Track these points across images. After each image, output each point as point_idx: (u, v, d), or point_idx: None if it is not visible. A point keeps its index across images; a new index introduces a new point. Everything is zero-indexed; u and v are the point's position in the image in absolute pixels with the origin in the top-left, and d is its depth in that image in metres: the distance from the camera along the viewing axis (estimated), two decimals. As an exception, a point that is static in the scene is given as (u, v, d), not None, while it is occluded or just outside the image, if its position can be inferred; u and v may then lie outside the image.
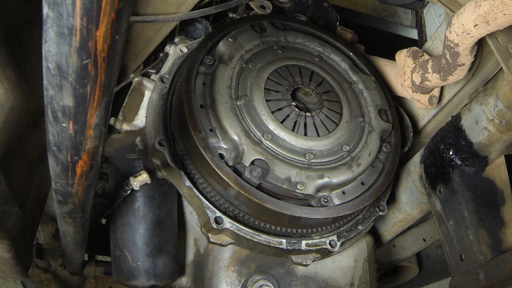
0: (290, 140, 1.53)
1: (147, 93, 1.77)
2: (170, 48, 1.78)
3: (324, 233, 1.63)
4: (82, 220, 1.27)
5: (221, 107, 1.49)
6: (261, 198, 1.44)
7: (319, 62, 1.79)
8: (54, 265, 2.30)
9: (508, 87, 1.45)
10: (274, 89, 1.61)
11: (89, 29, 0.55)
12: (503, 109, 1.50)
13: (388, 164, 1.67)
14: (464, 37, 1.35)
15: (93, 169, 0.91)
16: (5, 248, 1.20)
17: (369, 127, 1.68)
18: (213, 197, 1.53)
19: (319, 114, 1.63)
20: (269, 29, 1.77)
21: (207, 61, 1.60)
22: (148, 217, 1.71)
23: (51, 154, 0.85)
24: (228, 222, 1.51)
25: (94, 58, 0.59)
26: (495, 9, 1.19)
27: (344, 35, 2.09)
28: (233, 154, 1.45)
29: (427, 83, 1.67)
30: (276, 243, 1.54)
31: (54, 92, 0.66)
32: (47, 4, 0.53)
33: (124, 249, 1.73)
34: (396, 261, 2.39)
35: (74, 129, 0.73)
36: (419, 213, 1.95)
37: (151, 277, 1.73)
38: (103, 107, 0.71)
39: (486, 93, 1.58)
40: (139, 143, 1.72)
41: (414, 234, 2.33)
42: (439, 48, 1.82)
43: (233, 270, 1.59)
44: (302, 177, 1.47)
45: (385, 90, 1.83)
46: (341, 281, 1.69)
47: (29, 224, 1.37)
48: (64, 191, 1.00)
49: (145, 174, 1.53)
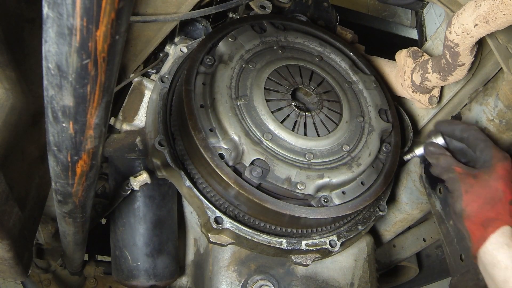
0: (290, 140, 1.53)
1: (147, 93, 1.77)
2: (170, 48, 1.78)
3: (324, 233, 1.63)
4: (82, 220, 1.27)
5: (221, 107, 1.50)
6: (261, 198, 1.44)
7: (319, 62, 1.79)
8: (54, 265, 2.30)
9: (508, 87, 1.45)
10: (274, 89, 1.61)
11: (89, 29, 0.55)
12: (503, 109, 1.50)
13: (388, 164, 1.67)
14: (464, 37, 1.35)
15: (93, 169, 0.91)
16: (5, 248, 1.20)
17: (369, 127, 1.68)
18: (213, 197, 1.53)
19: (319, 114, 1.63)
20: (269, 29, 1.77)
21: (207, 61, 1.60)
22: (148, 217, 1.71)
23: (51, 154, 0.85)
24: (228, 222, 1.51)
25: (94, 58, 0.59)
26: (495, 9, 1.19)
27: (344, 35, 2.09)
28: (233, 154, 1.45)
29: (427, 83, 1.67)
30: (276, 243, 1.54)
31: (54, 92, 0.66)
32: (47, 4, 0.53)
33: (124, 249, 1.73)
34: (396, 261, 2.39)
35: (74, 129, 0.73)
36: (419, 213, 1.95)
37: (151, 277, 1.73)
38: (103, 107, 0.71)
39: (486, 93, 1.58)
40: (139, 143, 1.72)
41: (414, 234, 2.33)
42: (439, 48, 1.82)
43: (233, 270, 1.59)
44: (302, 177, 1.47)
45: (385, 90, 1.83)
46: (341, 281, 1.69)
47: (29, 224, 1.37)
48: (64, 191, 1.00)
49: (145, 174, 1.53)
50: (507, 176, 1.34)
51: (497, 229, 1.28)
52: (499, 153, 1.39)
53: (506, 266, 1.24)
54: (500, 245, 1.26)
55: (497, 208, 1.31)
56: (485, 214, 1.32)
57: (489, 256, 1.28)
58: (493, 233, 1.28)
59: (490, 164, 1.37)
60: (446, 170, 1.44)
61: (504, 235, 1.27)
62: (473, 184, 1.36)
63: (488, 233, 1.29)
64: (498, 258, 1.26)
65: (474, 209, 1.34)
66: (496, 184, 1.33)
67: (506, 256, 1.25)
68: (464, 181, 1.38)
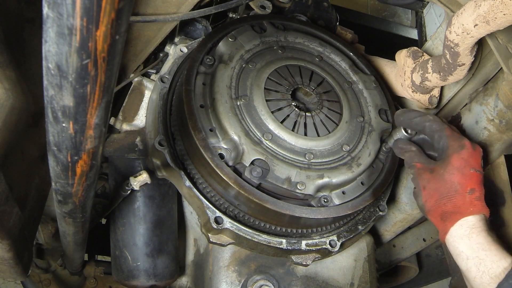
0: (290, 140, 1.53)
1: (147, 93, 1.77)
2: (170, 48, 1.78)
3: (324, 233, 1.63)
4: (82, 220, 1.27)
5: (221, 107, 1.50)
6: (261, 198, 1.44)
7: (319, 62, 1.79)
8: (54, 265, 2.30)
9: (508, 87, 1.45)
10: (274, 89, 1.61)
11: (89, 29, 0.55)
12: (503, 109, 1.50)
13: (388, 164, 1.67)
14: (464, 37, 1.35)
15: (93, 169, 0.91)
16: (5, 248, 1.20)
17: (369, 127, 1.68)
18: (213, 197, 1.53)
19: (319, 114, 1.63)
20: (269, 29, 1.77)
21: (207, 61, 1.60)
22: (148, 217, 1.71)
23: (51, 154, 0.85)
24: (228, 222, 1.51)
25: (94, 58, 0.59)
26: (495, 9, 1.20)
27: (344, 35, 2.09)
28: (233, 154, 1.45)
29: (427, 83, 1.67)
30: (276, 243, 1.55)
31: (54, 92, 0.66)
32: (47, 4, 0.53)
33: (124, 249, 1.73)
34: (396, 261, 2.39)
35: (74, 129, 0.73)
36: (419, 213, 1.95)
37: (151, 277, 1.73)
38: (103, 107, 0.71)
39: (486, 93, 1.58)
40: (139, 143, 1.72)
41: (414, 234, 2.33)
42: (439, 48, 1.82)
43: (233, 270, 1.59)
44: (302, 177, 1.47)
45: (385, 90, 1.83)
46: (341, 281, 1.69)
47: (29, 224, 1.37)
48: (64, 191, 1.00)
49: (145, 174, 1.53)
50: (464, 165, 1.34)
51: (455, 222, 1.31)
52: (455, 142, 1.38)
53: (467, 257, 1.29)
54: (460, 237, 1.30)
55: (454, 201, 1.32)
56: (442, 208, 1.34)
57: (452, 247, 1.33)
58: (452, 226, 1.32)
59: (446, 155, 1.37)
60: (409, 166, 1.46)
61: (463, 227, 1.30)
62: (429, 179, 1.37)
63: (448, 226, 1.32)
64: (459, 249, 1.30)
65: (431, 204, 1.37)
66: (451, 177, 1.34)
67: (467, 247, 1.29)
68: (422, 177, 1.40)
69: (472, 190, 1.32)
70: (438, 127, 1.42)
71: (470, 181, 1.33)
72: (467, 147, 1.36)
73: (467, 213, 1.30)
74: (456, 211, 1.32)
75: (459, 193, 1.32)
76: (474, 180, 1.33)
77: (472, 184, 1.33)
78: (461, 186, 1.32)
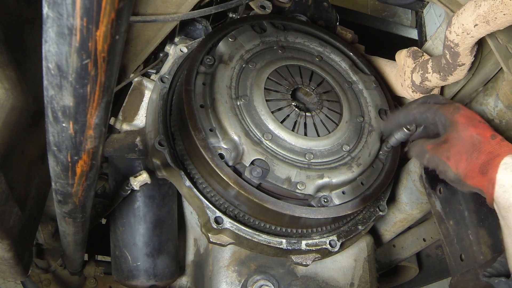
0: (290, 140, 1.53)
1: (147, 93, 1.77)
2: (170, 48, 1.78)
3: (324, 233, 1.63)
4: (82, 220, 1.27)
5: (221, 107, 1.50)
6: (261, 198, 1.44)
7: (319, 62, 1.79)
8: (54, 265, 2.30)
9: (508, 87, 1.45)
10: (274, 89, 1.61)
11: (89, 29, 0.55)
12: (503, 109, 1.50)
13: (388, 164, 1.67)
14: (464, 37, 1.35)
15: (93, 169, 0.91)
16: (5, 248, 1.20)
17: (369, 127, 1.68)
18: (213, 197, 1.53)
19: (319, 114, 1.63)
20: (269, 29, 1.77)
21: (207, 61, 1.60)
22: (148, 217, 1.71)
23: (51, 154, 0.85)
24: (228, 222, 1.51)
25: (94, 58, 0.59)
26: (495, 9, 1.20)
27: (344, 35, 2.09)
28: (233, 154, 1.45)
29: (427, 83, 1.67)
30: (276, 243, 1.55)
31: (54, 92, 0.66)
32: (47, 4, 0.53)
33: (124, 249, 1.73)
34: (396, 261, 2.39)
35: (74, 129, 0.73)
36: (419, 213, 1.95)
37: (151, 277, 1.73)
38: (103, 107, 0.71)
39: (486, 93, 1.58)
40: (139, 143, 1.72)
41: (414, 234, 2.33)
42: (439, 48, 1.82)
43: (233, 270, 1.59)
44: (302, 177, 1.47)
45: (385, 90, 1.83)
46: (341, 281, 1.69)
47: (29, 224, 1.37)
48: (64, 191, 1.00)
49: (145, 174, 1.53)
50: (471, 119, 1.31)
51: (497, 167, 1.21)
52: (449, 107, 1.36)
53: None
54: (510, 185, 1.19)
55: (484, 149, 1.25)
56: (476, 162, 1.25)
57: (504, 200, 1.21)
58: (497, 173, 1.21)
59: (449, 121, 1.34)
60: (422, 154, 1.40)
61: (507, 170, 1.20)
62: (448, 147, 1.32)
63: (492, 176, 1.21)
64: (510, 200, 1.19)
65: (464, 166, 1.28)
66: (467, 132, 1.29)
67: None
68: (440, 151, 1.34)
69: (493, 136, 1.26)
70: (425, 108, 1.41)
71: (485, 129, 1.28)
72: (461, 106, 1.34)
73: (503, 154, 1.21)
74: (491, 157, 1.22)
75: (483, 142, 1.25)
76: (488, 128, 1.29)
77: (489, 131, 1.28)
78: (481, 135, 1.27)
